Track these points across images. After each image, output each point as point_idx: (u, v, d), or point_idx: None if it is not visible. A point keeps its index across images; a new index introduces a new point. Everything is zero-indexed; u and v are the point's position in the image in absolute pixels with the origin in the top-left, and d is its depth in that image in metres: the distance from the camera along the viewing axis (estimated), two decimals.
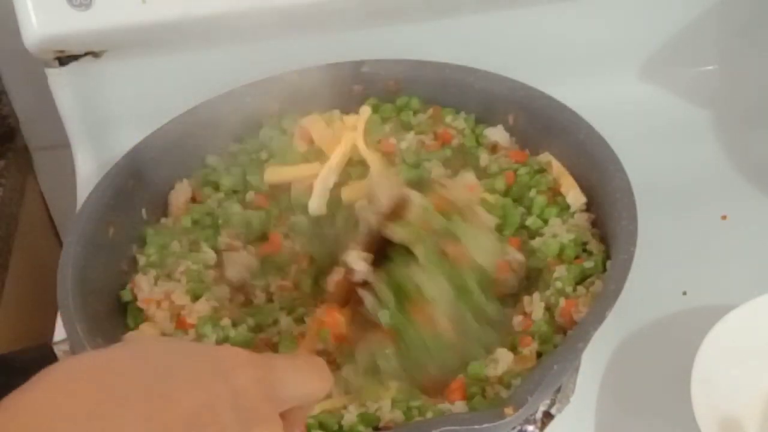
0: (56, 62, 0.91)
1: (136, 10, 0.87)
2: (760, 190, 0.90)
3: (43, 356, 0.69)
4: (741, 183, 0.91)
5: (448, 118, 0.84)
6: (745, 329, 0.71)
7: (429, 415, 0.64)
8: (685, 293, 0.81)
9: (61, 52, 0.90)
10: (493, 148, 0.82)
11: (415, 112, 0.85)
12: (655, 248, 0.74)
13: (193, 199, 0.82)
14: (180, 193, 0.82)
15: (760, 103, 0.98)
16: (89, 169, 0.97)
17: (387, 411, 0.65)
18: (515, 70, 0.83)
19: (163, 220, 0.81)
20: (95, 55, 0.92)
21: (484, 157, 0.81)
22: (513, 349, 0.69)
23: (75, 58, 0.91)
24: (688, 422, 0.66)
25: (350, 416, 0.65)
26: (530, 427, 0.71)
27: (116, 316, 0.74)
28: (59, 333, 0.76)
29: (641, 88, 1.00)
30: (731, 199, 0.89)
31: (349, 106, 0.84)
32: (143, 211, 0.80)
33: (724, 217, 0.87)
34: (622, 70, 1.00)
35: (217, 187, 0.82)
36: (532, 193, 0.78)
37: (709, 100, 0.99)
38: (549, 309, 0.71)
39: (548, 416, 0.71)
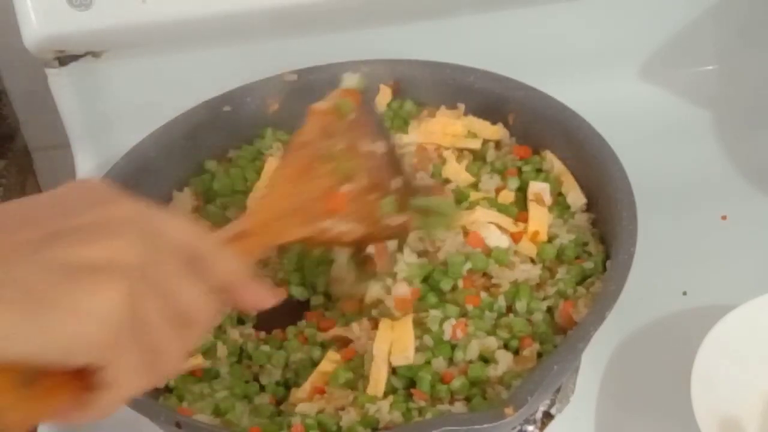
0: (56, 62, 0.91)
1: (136, 10, 0.87)
2: (760, 190, 0.90)
3: None
4: (741, 183, 0.91)
5: None
6: (745, 329, 0.71)
7: (428, 415, 0.64)
8: (685, 293, 0.81)
9: (61, 52, 0.90)
10: (496, 145, 0.82)
11: (410, 115, 0.84)
12: (655, 248, 0.74)
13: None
14: (178, 204, 0.81)
15: (759, 103, 0.98)
16: (89, 169, 0.97)
17: (386, 412, 0.65)
18: (515, 70, 0.83)
19: None
20: (95, 55, 0.92)
21: (491, 154, 0.81)
22: (513, 350, 0.69)
23: (75, 58, 0.91)
24: (688, 422, 0.66)
25: (349, 417, 0.65)
26: (530, 427, 0.71)
27: None
28: None
29: (641, 88, 1.00)
30: (731, 199, 0.89)
31: None
32: None
33: (724, 217, 0.87)
34: (622, 70, 1.00)
35: (214, 196, 0.82)
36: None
37: (709, 100, 0.99)
38: (549, 310, 0.71)
39: (548, 416, 0.71)
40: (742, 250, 0.84)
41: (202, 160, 0.84)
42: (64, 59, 0.91)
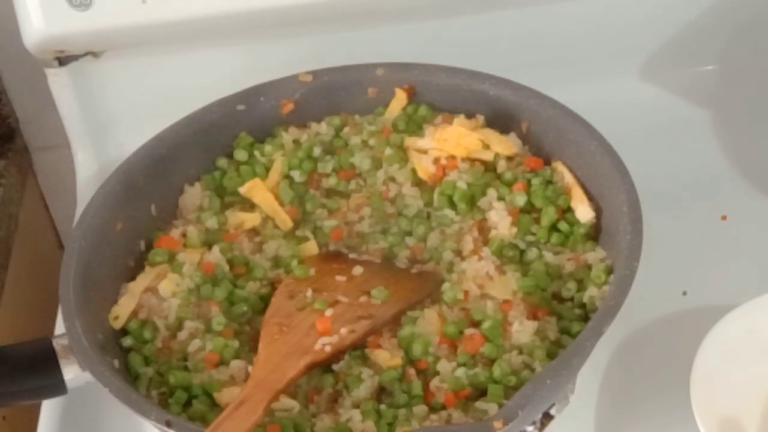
0: (56, 62, 0.91)
1: (136, 10, 0.87)
2: (760, 190, 0.90)
3: (42, 350, 0.69)
4: (741, 183, 0.91)
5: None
6: (745, 329, 0.71)
7: (399, 429, 0.64)
8: (685, 293, 0.81)
9: (61, 52, 0.90)
10: (509, 156, 0.81)
11: (425, 120, 0.83)
12: (655, 248, 0.73)
13: None
14: (188, 198, 0.81)
15: (760, 103, 0.98)
16: (89, 169, 0.97)
17: (358, 421, 0.65)
18: (515, 70, 0.82)
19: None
20: (95, 55, 0.92)
21: (501, 164, 0.79)
22: None
23: (75, 58, 0.91)
24: (688, 422, 0.66)
25: (322, 423, 0.65)
26: (529, 428, 0.71)
27: None
28: (60, 327, 0.76)
29: (641, 88, 1.00)
30: (731, 199, 0.89)
31: (363, 109, 0.84)
32: (153, 207, 0.80)
33: (724, 218, 0.87)
34: (622, 70, 1.00)
35: (223, 192, 0.82)
36: (544, 202, 0.76)
37: (709, 100, 0.99)
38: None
39: (548, 416, 0.71)
40: (742, 250, 0.85)
41: (215, 156, 0.83)
42: (64, 59, 0.91)
